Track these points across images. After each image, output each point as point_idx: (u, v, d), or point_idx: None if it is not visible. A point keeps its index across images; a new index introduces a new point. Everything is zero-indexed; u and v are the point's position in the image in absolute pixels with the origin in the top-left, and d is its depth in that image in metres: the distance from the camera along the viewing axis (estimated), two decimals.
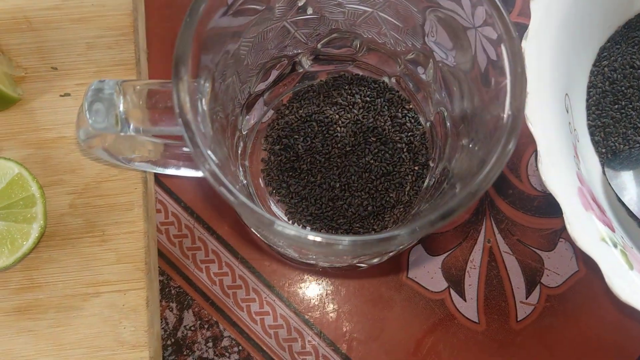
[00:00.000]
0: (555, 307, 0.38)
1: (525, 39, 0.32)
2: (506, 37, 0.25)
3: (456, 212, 0.24)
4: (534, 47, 0.32)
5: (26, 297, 0.35)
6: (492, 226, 0.39)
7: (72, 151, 0.37)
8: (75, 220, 0.36)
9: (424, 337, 0.38)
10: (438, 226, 0.24)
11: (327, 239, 0.23)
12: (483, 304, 0.38)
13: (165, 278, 0.38)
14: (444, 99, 0.32)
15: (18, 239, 0.34)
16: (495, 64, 0.26)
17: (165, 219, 0.39)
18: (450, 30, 0.29)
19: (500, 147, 0.24)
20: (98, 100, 0.27)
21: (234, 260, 0.39)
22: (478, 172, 0.25)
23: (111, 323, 0.35)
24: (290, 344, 0.38)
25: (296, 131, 0.36)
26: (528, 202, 0.40)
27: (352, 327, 0.38)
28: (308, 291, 0.38)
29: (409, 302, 0.38)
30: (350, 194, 0.36)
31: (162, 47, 0.42)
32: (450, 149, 0.32)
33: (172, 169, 0.34)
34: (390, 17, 0.31)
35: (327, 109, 0.36)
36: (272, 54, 0.34)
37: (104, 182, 0.36)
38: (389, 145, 0.36)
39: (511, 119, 0.24)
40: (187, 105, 0.24)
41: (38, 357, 0.35)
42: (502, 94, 0.25)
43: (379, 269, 0.38)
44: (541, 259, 0.39)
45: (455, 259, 0.39)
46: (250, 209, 0.23)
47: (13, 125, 0.37)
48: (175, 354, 0.37)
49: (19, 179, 0.34)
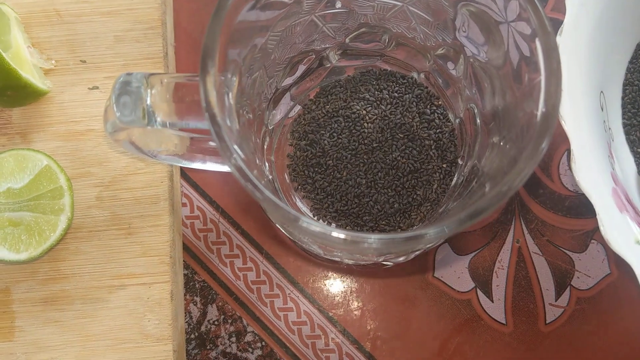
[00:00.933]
0: (586, 311, 0.37)
1: (560, 35, 0.31)
2: (541, 32, 0.24)
3: (485, 212, 0.23)
4: (568, 43, 0.31)
5: (53, 288, 0.35)
6: (522, 226, 0.39)
7: (99, 144, 0.37)
8: (102, 213, 0.36)
9: (449, 338, 0.37)
10: (466, 226, 0.23)
11: (353, 236, 0.23)
12: (511, 305, 0.38)
13: (189, 272, 0.38)
14: (474, 96, 0.32)
15: (46, 230, 0.34)
16: (528, 60, 0.25)
17: (191, 212, 0.39)
18: (482, 25, 0.28)
19: (533, 145, 0.23)
20: (125, 94, 0.27)
21: (258, 256, 0.39)
22: (509, 171, 0.24)
23: (136, 316, 0.35)
24: (313, 340, 0.37)
25: (322, 126, 0.36)
26: (559, 202, 0.39)
27: (376, 326, 0.37)
28: (332, 288, 0.38)
29: (435, 301, 0.38)
30: (377, 191, 0.35)
31: (189, 41, 0.42)
32: (480, 147, 0.31)
33: (198, 163, 0.34)
34: (421, 11, 0.31)
35: (354, 104, 0.36)
36: (299, 48, 0.33)
37: (131, 175, 0.37)
38: (417, 142, 0.35)
39: (545, 117, 0.23)
40: (214, 99, 0.24)
41: (64, 348, 0.35)
42: (536, 90, 0.24)
43: (404, 267, 0.38)
44: (572, 260, 0.38)
45: (482, 258, 0.38)
46: (275, 204, 0.23)
47: (42, 118, 0.37)
48: (198, 348, 0.37)
49: (47, 170, 0.35)
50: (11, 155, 0.35)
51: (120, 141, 0.30)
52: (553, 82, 0.24)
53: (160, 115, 0.27)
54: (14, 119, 0.37)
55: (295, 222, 0.23)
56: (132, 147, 0.31)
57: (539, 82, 0.25)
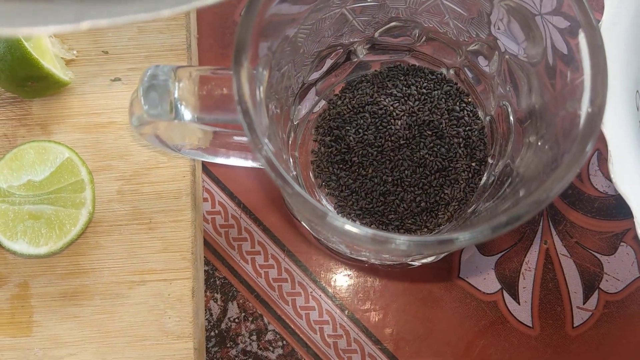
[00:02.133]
0: (614, 314, 0.37)
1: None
2: (586, 28, 0.23)
3: (523, 218, 0.22)
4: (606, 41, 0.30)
5: (72, 283, 0.35)
6: (550, 227, 0.38)
7: (121, 137, 0.36)
8: (123, 207, 0.36)
9: (474, 340, 0.36)
10: (502, 232, 0.22)
11: (382, 236, 0.22)
12: (537, 307, 0.37)
13: (210, 268, 0.38)
14: (508, 93, 0.31)
15: (66, 224, 0.34)
16: (571, 58, 0.24)
17: (212, 208, 0.38)
18: (521, 21, 0.27)
19: (577, 148, 0.23)
20: (153, 87, 0.26)
21: (280, 253, 0.38)
22: (549, 175, 0.23)
23: (156, 312, 0.34)
24: (335, 340, 0.37)
25: (348, 122, 0.35)
26: (588, 204, 0.38)
27: (400, 326, 0.37)
28: (355, 287, 0.37)
29: (460, 302, 0.37)
30: (403, 189, 0.34)
31: (212, 33, 0.41)
32: (513, 146, 0.30)
33: (221, 158, 0.34)
34: (455, 5, 0.30)
35: (381, 100, 0.35)
36: (328, 42, 0.32)
37: (153, 169, 0.36)
38: (445, 140, 0.35)
39: (591, 118, 0.22)
40: (247, 93, 0.23)
41: (82, 344, 0.34)
42: (579, 89, 0.24)
43: (429, 267, 0.37)
44: (600, 263, 0.37)
45: (509, 260, 0.37)
46: (304, 200, 0.23)
47: (63, 109, 0.37)
48: (218, 346, 0.37)
49: (68, 163, 0.34)
50: (32, 147, 0.34)
51: (145, 135, 0.30)
52: (599, 81, 0.23)
53: (188, 108, 0.26)
54: (34, 110, 0.37)
55: (323, 218, 0.22)
56: (157, 141, 0.30)
57: (582, 80, 0.24)
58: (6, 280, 0.35)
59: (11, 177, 0.34)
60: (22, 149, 0.34)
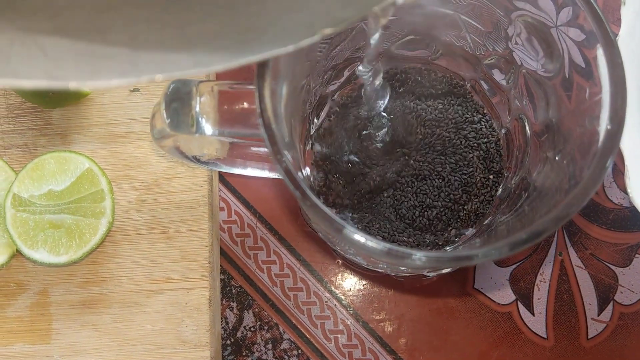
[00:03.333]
0: (629, 326, 0.37)
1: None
2: (605, 45, 0.23)
3: (543, 234, 0.23)
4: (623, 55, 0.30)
5: (91, 291, 0.35)
6: (565, 239, 0.38)
7: (139, 147, 0.37)
8: (141, 217, 0.36)
9: (488, 351, 0.37)
10: (521, 249, 0.22)
11: (399, 251, 0.22)
12: (552, 319, 0.37)
13: (226, 277, 0.38)
14: (525, 106, 0.31)
15: (86, 233, 0.34)
16: (589, 72, 0.25)
17: (228, 217, 0.39)
18: (538, 35, 0.28)
19: (596, 165, 0.23)
20: (175, 101, 0.27)
21: (295, 262, 0.38)
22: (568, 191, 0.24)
23: (173, 321, 0.35)
24: (350, 350, 0.37)
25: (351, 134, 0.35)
26: (603, 215, 0.38)
27: (414, 336, 0.37)
28: (370, 297, 0.37)
29: (474, 313, 0.37)
30: (419, 202, 0.35)
31: None
32: (530, 160, 0.31)
33: (238, 168, 0.34)
34: (473, 19, 0.30)
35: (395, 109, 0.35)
36: (345, 55, 0.33)
37: (171, 179, 0.36)
38: (462, 152, 0.35)
39: (610, 135, 0.23)
40: (269, 107, 0.23)
41: (101, 352, 0.35)
42: (598, 106, 0.24)
43: (444, 278, 0.37)
44: (615, 274, 0.37)
45: (524, 271, 0.37)
46: (322, 212, 0.23)
47: (83, 119, 0.37)
48: (234, 354, 0.37)
49: (88, 173, 0.34)
50: (53, 157, 0.35)
51: (166, 147, 0.30)
52: (619, 98, 0.23)
53: (209, 122, 0.27)
54: (54, 120, 0.37)
55: (340, 231, 0.23)
56: (177, 152, 0.31)
57: (600, 97, 0.24)
58: (26, 288, 0.35)
59: (32, 186, 0.34)
60: (43, 158, 0.35)
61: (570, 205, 0.22)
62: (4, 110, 0.37)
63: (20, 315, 0.35)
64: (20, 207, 0.34)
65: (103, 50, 0.17)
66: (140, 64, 0.16)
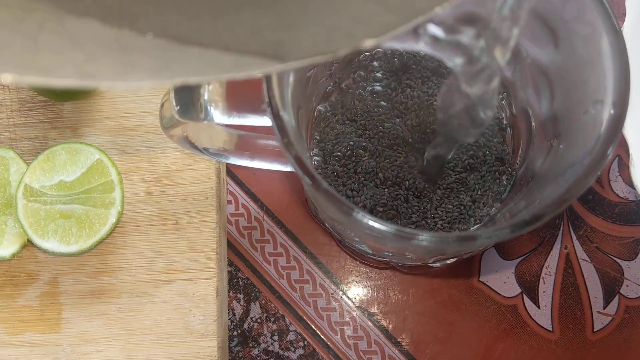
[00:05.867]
0: (635, 319, 0.37)
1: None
2: (609, 32, 0.24)
3: (542, 219, 0.23)
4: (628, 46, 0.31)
5: (100, 281, 0.36)
6: (570, 232, 0.38)
7: (149, 139, 0.37)
8: (150, 208, 0.36)
9: (494, 343, 0.37)
10: (523, 231, 0.23)
11: (406, 232, 0.23)
12: (558, 312, 0.37)
13: (233, 269, 0.38)
14: (529, 97, 0.31)
15: (96, 223, 0.35)
16: (593, 61, 0.25)
17: (236, 210, 0.39)
18: (543, 26, 0.28)
19: (598, 150, 0.23)
20: (184, 89, 0.27)
21: (301, 255, 0.38)
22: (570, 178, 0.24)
23: (181, 311, 0.35)
24: (356, 342, 0.37)
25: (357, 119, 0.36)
26: (609, 209, 0.38)
27: (419, 329, 0.37)
28: (376, 289, 0.38)
29: (480, 306, 0.37)
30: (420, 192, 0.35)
31: None
32: (534, 149, 0.31)
33: (245, 160, 0.34)
34: None
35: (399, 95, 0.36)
36: None
37: (179, 171, 0.37)
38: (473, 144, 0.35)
39: (613, 120, 0.23)
40: (277, 94, 0.24)
41: (110, 341, 0.35)
42: (602, 92, 0.24)
43: (449, 270, 0.38)
44: (621, 268, 0.37)
45: (529, 264, 0.38)
46: (332, 196, 0.23)
47: (93, 113, 0.38)
48: (241, 345, 0.37)
49: (99, 164, 0.35)
50: (63, 149, 0.35)
51: (174, 137, 0.31)
52: (622, 82, 0.23)
53: (217, 110, 0.27)
54: (65, 113, 0.38)
55: (350, 214, 0.23)
56: (185, 142, 0.31)
57: (604, 83, 0.24)
58: (36, 278, 0.36)
59: (43, 177, 0.35)
60: (54, 150, 0.35)
61: (572, 189, 0.23)
62: (16, 103, 0.38)
63: (30, 304, 0.36)
64: (32, 197, 0.35)
65: (133, 42, 0.15)
66: (173, 62, 0.15)
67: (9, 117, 0.38)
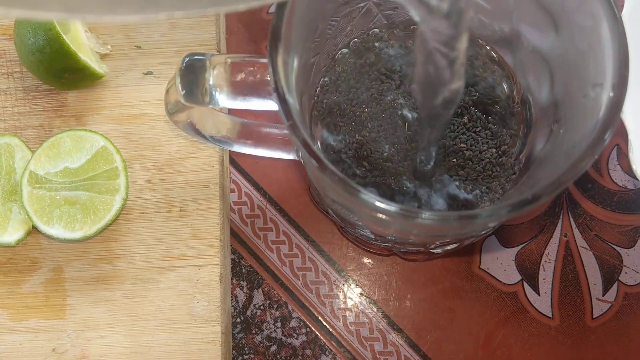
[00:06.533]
0: (633, 306, 0.37)
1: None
2: (609, 17, 0.24)
3: (540, 199, 0.23)
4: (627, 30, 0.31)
5: (105, 268, 0.36)
6: (570, 220, 0.38)
7: (153, 128, 0.38)
8: (154, 195, 0.37)
9: (494, 330, 0.37)
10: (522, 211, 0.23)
11: (409, 211, 0.23)
12: (557, 299, 0.37)
13: (236, 257, 0.39)
14: (530, 84, 0.32)
15: (101, 209, 0.35)
16: (594, 46, 0.25)
17: (239, 198, 0.40)
18: (544, 13, 0.28)
19: (597, 134, 0.23)
20: (189, 73, 0.27)
21: (304, 243, 0.39)
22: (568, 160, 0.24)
23: (185, 297, 0.36)
24: (358, 328, 0.38)
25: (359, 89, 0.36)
26: (608, 197, 0.39)
27: (421, 315, 0.37)
28: (378, 277, 0.38)
29: (481, 293, 0.38)
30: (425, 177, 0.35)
31: (240, 30, 0.42)
32: (535, 134, 0.31)
33: (248, 148, 0.35)
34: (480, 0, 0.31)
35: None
36: (355, 34, 0.34)
37: (183, 159, 0.37)
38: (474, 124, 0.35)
39: (612, 104, 0.23)
40: (282, 78, 0.24)
41: (114, 327, 0.36)
42: (601, 76, 0.24)
43: (450, 258, 0.38)
44: (620, 255, 0.38)
45: (529, 251, 0.38)
46: (338, 177, 0.24)
47: (97, 101, 0.38)
48: (244, 332, 0.38)
49: (103, 151, 0.35)
50: (69, 136, 0.36)
51: (179, 123, 0.31)
52: (621, 66, 0.23)
53: (222, 94, 0.28)
54: (70, 102, 0.38)
55: (356, 195, 0.23)
56: (190, 129, 0.32)
57: (604, 70, 0.25)
58: (41, 265, 0.36)
59: (48, 164, 0.35)
60: (59, 137, 0.36)
61: (570, 171, 0.23)
62: (20, 92, 0.38)
63: (35, 290, 0.36)
64: (37, 184, 0.35)
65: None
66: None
67: (13, 105, 0.38)
